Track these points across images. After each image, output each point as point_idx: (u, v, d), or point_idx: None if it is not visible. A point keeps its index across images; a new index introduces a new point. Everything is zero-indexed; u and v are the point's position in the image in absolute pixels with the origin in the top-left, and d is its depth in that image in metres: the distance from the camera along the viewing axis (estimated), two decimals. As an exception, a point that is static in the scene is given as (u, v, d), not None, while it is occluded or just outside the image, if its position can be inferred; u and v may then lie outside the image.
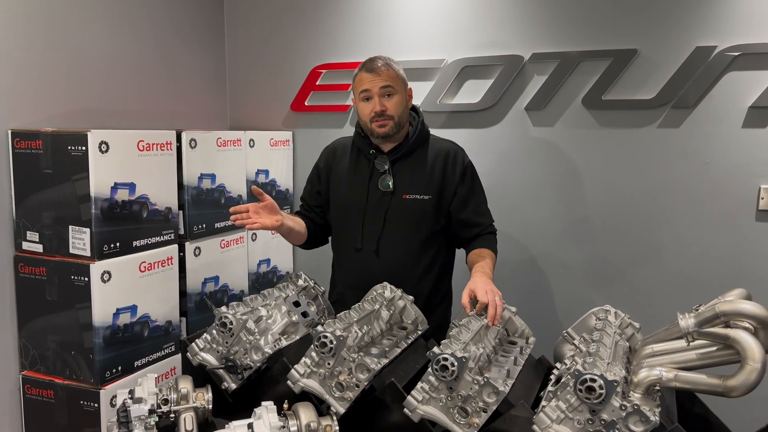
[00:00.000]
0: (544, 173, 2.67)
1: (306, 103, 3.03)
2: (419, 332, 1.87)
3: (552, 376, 1.58)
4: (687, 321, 1.39)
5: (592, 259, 2.65)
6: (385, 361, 1.59)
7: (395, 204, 2.05)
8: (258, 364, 1.67)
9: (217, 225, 2.54)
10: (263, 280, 2.89)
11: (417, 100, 2.66)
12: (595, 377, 1.28)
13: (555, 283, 2.73)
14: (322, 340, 1.50)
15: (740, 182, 2.38)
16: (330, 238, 2.26)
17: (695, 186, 2.46)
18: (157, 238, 2.22)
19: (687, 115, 2.43)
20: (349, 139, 2.18)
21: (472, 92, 2.72)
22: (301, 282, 2.01)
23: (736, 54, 2.31)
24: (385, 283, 1.91)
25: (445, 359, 1.39)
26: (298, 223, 2.12)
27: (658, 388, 1.40)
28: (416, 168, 2.06)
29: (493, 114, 2.71)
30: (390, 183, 2.05)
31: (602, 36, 2.49)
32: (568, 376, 1.37)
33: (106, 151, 1.98)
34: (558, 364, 1.66)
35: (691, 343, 1.40)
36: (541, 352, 1.84)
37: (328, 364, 1.51)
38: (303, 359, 1.54)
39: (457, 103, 2.75)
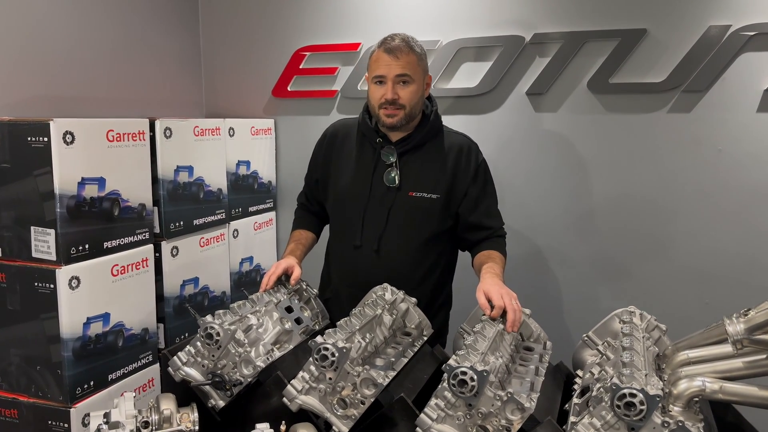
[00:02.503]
0: (547, 162, 2.63)
1: (289, 89, 2.95)
2: (424, 338, 1.79)
3: (575, 386, 1.50)
4: (736, 326, 1.28)
5: (597, 253, 2.62)
6: (392, 373, 1.49)
7: (400, 201, 1.94)
8: (249, 379, 1.55)
9: (195, 222, 2.44)
10: (246, 280, 2.80)
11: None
12: (635, 392, 1.19)
13: (559, 278, 2.69)
14: (323, 352, 1.39)
15: (755, 170, 2.35)
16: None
17: (707, 174, 2.42)
18: (131, 238, 2.14)
19: (699, 99, 2.39)
20: (352, 120, 2.06)
21: (469, 76, 2.65)
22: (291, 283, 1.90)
23: (752, 34, 2.27)
24: (386, 284, 1.82)
25: (464, 373, 1.29)
26: (307, 245, 2.10)
27: (697, 399, 1.31)
28: (425, 163, 1.95)
29: (491, 99, 2.65)
30: (396, 177, 1.94)
31: (609, 15, 2.44)
32: (602, 390, 1.27)
33: (72, 142, 1.88)
34: (580, 372, 1.58)
35: (738, 351, 1.29)
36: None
37: (329, 378, 1.40)
38: (300, 374, 1.42)
39: (453, 87, 2.68)
